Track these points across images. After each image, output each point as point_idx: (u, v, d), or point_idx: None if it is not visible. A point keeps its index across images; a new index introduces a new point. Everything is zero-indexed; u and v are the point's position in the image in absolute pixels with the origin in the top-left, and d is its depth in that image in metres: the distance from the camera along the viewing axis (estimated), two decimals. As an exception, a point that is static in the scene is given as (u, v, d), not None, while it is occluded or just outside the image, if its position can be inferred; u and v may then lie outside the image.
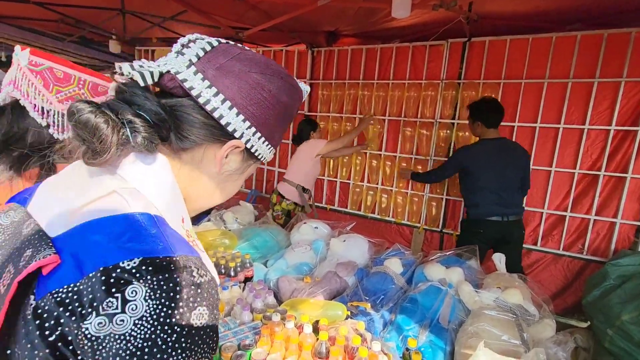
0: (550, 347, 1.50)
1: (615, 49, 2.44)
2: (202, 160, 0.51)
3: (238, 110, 0.50)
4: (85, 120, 0.41)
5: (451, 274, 1.94)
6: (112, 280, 0.36)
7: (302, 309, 1.56)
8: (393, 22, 2.88)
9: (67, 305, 0.35)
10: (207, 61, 0.49)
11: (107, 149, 0.42)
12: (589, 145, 2.60)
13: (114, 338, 0.34)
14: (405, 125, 3.17)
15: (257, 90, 0.51)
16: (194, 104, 0.49)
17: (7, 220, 0.47)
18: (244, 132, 0.51)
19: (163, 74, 0.47)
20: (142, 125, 0.45)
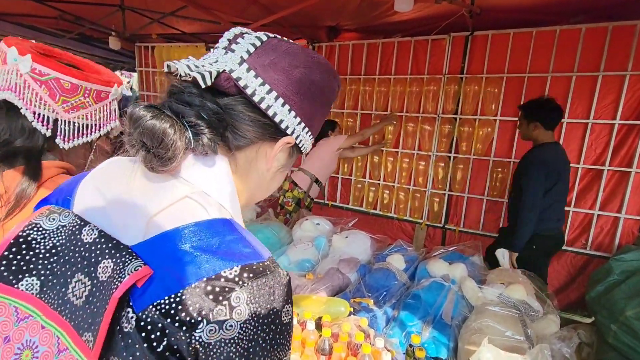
0: (555, 342, 1.49)
1: (620, 41, 2.41)
2: (256, 159, 0.51)
3: (290, 107, 0.50)
4: (151, 126, 0.41)
5: (454, 269, 1.93)
6: (218, 289, 0.37)
7: (304, 305, 1.56)
8: (395, 16, 2.85)
9: (173, 316, 0.36)
10: (258, 57, 0.48)
11: (175, 155, 0.42)
12: (593, 140, 2.58)
13: (224, 342, 0.36)
14: (407, 120, 3.15)
15: (304, 84, 0.50)
16: (247, 102, 0.48)
17: (52, 225, 0.44)
18: (295, 128, 0.51)
19: (220, 73, 0.47)
20: (206, 126, 0.45)
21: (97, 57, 6.09)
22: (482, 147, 2.89)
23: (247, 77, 0.47)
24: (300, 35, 3.52)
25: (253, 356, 0.37)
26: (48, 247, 0.43)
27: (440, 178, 3.09)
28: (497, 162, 2.87)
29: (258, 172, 0.53)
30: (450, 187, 3.07)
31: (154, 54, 4.51)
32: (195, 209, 0.42)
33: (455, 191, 3.06)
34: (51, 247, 0.42)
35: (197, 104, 0.45)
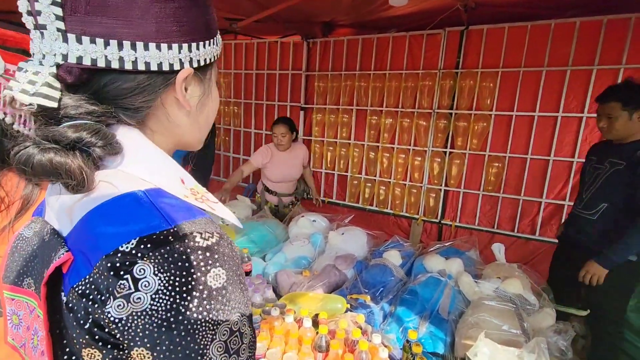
0: (551, 336, 1.50)
1: (615, 35, 2.41)
2: (169, 113, 0.46)
3: (154, 43, 0.41)
4: (38, 167, 0.37)
5: (451, 264, 1.93)
6: (118, 264, 0.36)
7: (301, 302, 1.55)
8: (390, 11, 2.83)
9: (88, 296, 0.37)
10: (74, 13, 0.37)
11: (82, 177, 0.38)
12: (588, 134, 2.59)
13: (136, 315, 0.35)
14: (403, 116, 3.14)
15: (148, 2, 0.40)
16: (110, 73, 0.41)
17: (30, 232, 0.47)
18: (178, 59, 0.43)
19: (56, 73, 0.39)
20: (92, 135, 0.39)
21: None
22: (477, 142, 2.89)
23: (85, 50, 0.38)
24: (295, 31, 3.49)
25: (177, 325, 0.36)
26: (29, 251, 0.46)
27: (436, 173, 3.10)
28: (493, 157, 2.88)
29: (184, 117, 0.48)
30: (446, 182, 3.08)
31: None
32: (107, 188, 0.40)
33: (451, 186, 3.06)
34: (31, 251, 0.46)
35: (68, 116, 0.39)
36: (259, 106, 3.94)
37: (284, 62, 3.71)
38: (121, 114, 0.43)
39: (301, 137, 3.70)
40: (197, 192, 0.46)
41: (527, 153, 2.76)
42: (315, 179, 3.78)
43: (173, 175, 0.45)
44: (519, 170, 2.83)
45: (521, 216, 2.86)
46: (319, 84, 3.51)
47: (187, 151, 3.65)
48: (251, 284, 1.63)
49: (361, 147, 3.41)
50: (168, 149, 0.49)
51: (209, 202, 0.45)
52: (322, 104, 3.52)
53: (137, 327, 0.35)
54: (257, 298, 1.54)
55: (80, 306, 0.37)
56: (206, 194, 0.47)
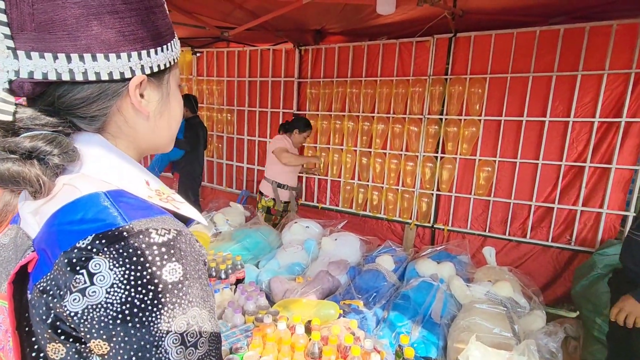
0: (541, 338, 1.52)
1: (598, 41, 2.48)
2: (127, 119, 0.47)
3: (102, 54, 0.41)
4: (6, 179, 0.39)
5: (442, 268, 1.95)
6: (74, 260, 0.38)
7: (294, 309, 1.56)
8: (379, 19, 2.88)
9: (48, 292, 0.39)
10: (21, 31, 0.39)
11: (39, 185, 0.40)
12: (574, 138, 2.64)
13: (92, 308, 0.37)
14: (394, 122, 3.18)
15: (92, 15, 0.40)
16: (63, 85, 0.42)
17: (6, 240, 0.49)
18: (128, 67, 0.43)
19: (10, 87, 0.40)
20: (47, 144, 0.40)
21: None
22: (467, 146, 2.93)
23: (35, 65, 0.39)
24: (287, 38, 3.53)
25: (132, 317, 0.37)
26: (5, 257, 0.48)
27: (428, 178, 3.13)
28: (483, 161, 2.92)
29: (144, 122, 0.48)
30: (438, 187, 3.11)
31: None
32: (70, 192, 0.42)
33: (442, 191, 3.10)
34: (7, 257, 0.48)
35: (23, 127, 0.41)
36: (252, 113, 3.96)
37: (276, 69, 3.74)
38: (79, 122, 0.44)
39: (294, 143, 3.73)
40: (163, 193, 0.47)
41: (516, 157, 2.81)
42: (308, 185, 3.79)
43: (136, 178, 0.46)
44: (509, 174, 2.87)
45: (512, 219, 2.90)
46: (311, 91, 3.54)
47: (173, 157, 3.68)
48: (244, 291, 1.63)
49: (354, 153, 3.43)
50: (134, 153, 0.50)
51: (174, 202, 0.47)
52: (315, 111, 3.55)
53: (93, 319, 0.37)
54: (250, 306, 1.54)
55: (41, 302, 0.39)
56: (172, 195, 0.48)
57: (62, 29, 0.39)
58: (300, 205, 3.78)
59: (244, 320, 1.48)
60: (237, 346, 1.28)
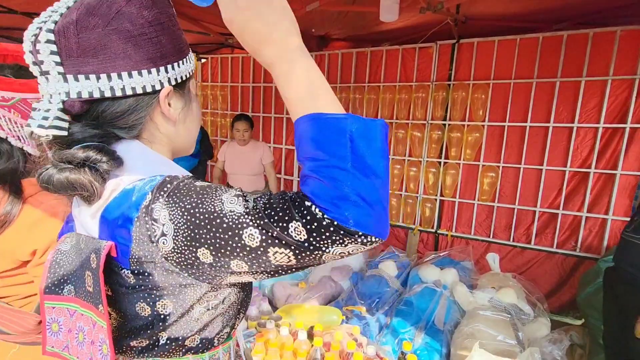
0: (546, 345, 1.51)
1: (601, 47, 2.47)
2: (158, 126, 0.55)
3: (136, 71, 0.49)
4: (58, 184, 0.47)
5: (446, 275, 1.95)
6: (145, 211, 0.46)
7: (297, 314, 1.56)
8: (382, 25, 2.90)
9: (144, 251, 0.46)
10: (68, 59, 0.46)
11: (93, 189, 0.48)
12: (579, 143, 2.63)
13: (176, 232, 0.45)
14: (397, 127, 3.19)
15: (122, 42, 0.48)
16: (105, 101, 0.49)
17: (67, 247, 0.55)
18: (158, 80, 0.51)
19: (63, 107, 0.47)
20: (97, 153, 0.48)
21: (87, 69, 6.08)
22: (471, 152, 2.93)
23: (82, 86, 0.47)
24: (290, 45, 3.56)
25: (198, 218, 0.44)
26: (69, 261, 0.54)
27: (431, 183, 3.12)
28: (487, 167, 2.91)
29: (172, 128, 0.57)
30: (442, 193, 3.10)
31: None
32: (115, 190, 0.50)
33: (446, 196, 3.09)
34: (70, 261, 0.54)
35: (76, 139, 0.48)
36: (256, 119, 3.98)
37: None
38: (119, 132, 0.52)
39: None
40: None
41: (520, 163, 2.80)
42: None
43: (177, 170, 0.55)
44: (513, 179, 2.86)
45: (516, 225, 2.88)
46: (315, 97, 3.55)
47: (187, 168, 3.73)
48: (247, 296, 1.63)
49: (357, 158, 3.43)
50: (167, 156, 0.58)
51: None
52: (318, 116, 3.56)
53: (181, 237, 0.44)
54: (252, 311, 1.54)
55: (143, 266, 0.47)
56: None
57: (103, 53, 0.47)
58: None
59: (246, 326, 1.48)
60: (239, 351, 1.28)
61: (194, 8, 2.73)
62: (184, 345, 0.52)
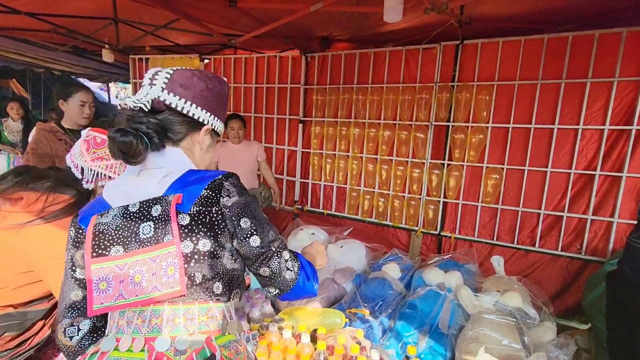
0: (552, 350, 1.49)
1: (607, 49, 2.45)
2: (193, 144, 0.88)
3: (201, 107, 0.85)
4: (122, 141, 0.76)
5: (450, 277, 1.93)
6: (217, 184, 0.81)
7: (299, 317, 1.54)
8: (386, 26, 2.89)
9: (204, 204, 0.79)
10: (172, 83, 0.82)
11: (140, 153, 0.78)
12: (584, 145, 2.61)
13: (235, 203, 0.81)
14: (401, 129, 3.17)
15: (206, 91, 0.85)
16: (174, 111, 0.83)
17: (107, 219, 0.78)
18: (208, 119, 0.87)
19: (152, 100, 0.81)
20: (154, 134, 0.80)
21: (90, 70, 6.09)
22: (475, 153, 2.91)
23: (168, 97, 0.82)
24: (293, 46, 3.55)
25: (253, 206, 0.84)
26: (113, 227, 0.78)
27: (435, 185, 3.10)
28: (490, 168, 2.89)
29: (198, 151, 0.89)
30: (445, 194, 3.08)
31: (149, 66, 4.52)
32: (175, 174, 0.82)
33: (449, 198, 3.07)
34: (115, 227, 0.77)
35: (144, 122, 0.80)
36: (258, 119, 3.98)
37: (283, 76, 3.76)
38: (170, 134, 0.84)
39: (300, 149, 3.73)
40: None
41: (524, 165, 2.78)
42: (314, 191, 3.78)
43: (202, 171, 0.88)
44: (517, 181, 2.84)
45: (520, 228, 2.86)
46: (317, 97, 3.55)
47: None
48: (249, 298, 1.62)
49: (360, 160, 3.42)
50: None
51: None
52: (321, 117, 3.56)
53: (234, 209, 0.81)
54: (255, 313, 1.53)
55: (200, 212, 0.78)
56: None
57: (190, 89, 0.83)
58: (306, 212, 3.77)
59: (249, 328, 1.47)
60: (241, 354, 1.26)
61: (197, 8, 2.74)
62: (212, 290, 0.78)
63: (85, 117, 2.03)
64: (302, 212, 3.79)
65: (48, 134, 1.98)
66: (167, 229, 0.74)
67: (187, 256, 0.75)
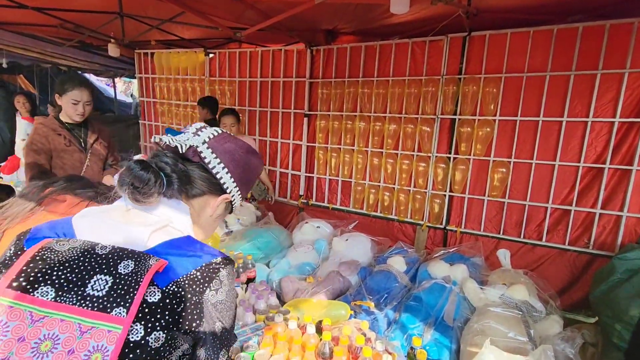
0: (558, 343, 1.48)
1: (618, 40, 2.40)
2: (204, 207, 0.77)
3: (231, 175, 0.77)
4: (140, 174, 0.66)
5: (455, 271, 1.92)
6: (212, 270, 0.63)
7: (305, 309, 1.55)
8: (392, 18, 2.85)
9: (186, 288, 0.60)
10: (215, 141, 0.77)
11: (153, 194, 0.67)
12: (593, 138, 2.57)
13: (219, 302, 0.63)
14: (406, 122, 3.15)
15: (243, 162, 0.79)
16: (204, 167, 0.75)
17: (63, 247, 0.60)
18: (232, 190, 0.79)
19: (190, 147, 0.73)
20: (176, 179, 0.71)
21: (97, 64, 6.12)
22: (481, 147, 2.88)
23: (206, 152, 0.75)
24: (298, 39, 3.53)
25: (232, 308, 0.66)
26: (61, 261, 0.58)
27: (440, 179, 3.08)
28: (497, 162, 2.86)
29: (205, 215, 0.78)
30: (451, 188, 3.06)
31: (154, 61, 4.54)
32: (174, 231, 0.69)
33: (455, 192, 3.05)
34: (64, 261, 0.58)
35: (171, 164, 0.71)
36: (263, 113, 3.98)
37: (288, 69, 3.75)
38: (188, 187, 0.74)
39: (305, 143, 3.72)
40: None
41: (532, 158, 2.74)
42: (319, 185, 3.79)
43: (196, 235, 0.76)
44: (524, 175, 2.81)
45: (527, 222, 2.83)
46: (323, 91, 3.53)
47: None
48: (255, 290, 1.63)
49: (365, 153, 3.41)
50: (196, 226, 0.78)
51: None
52: (326, 111, 3.54)
53: (223, 308, 0.64)
54: (260, 305, 1.54)
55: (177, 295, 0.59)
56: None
57: (231, 154, 0.78)
58: (311, 206, 3.77)
59: (254, 319, 1.48)
60: (248, 344, 1.28)
61: (203, 3, 2.74)
62: None
63: (78, 115, 2.02)
64: (308, 207, 3.79)
65: (45, 128, 2.00)
66: (124, 298, 0.55)
67: (128, 346, 0.53)
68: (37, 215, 0.96)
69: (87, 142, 2.12)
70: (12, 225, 0.94)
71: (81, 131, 2.11)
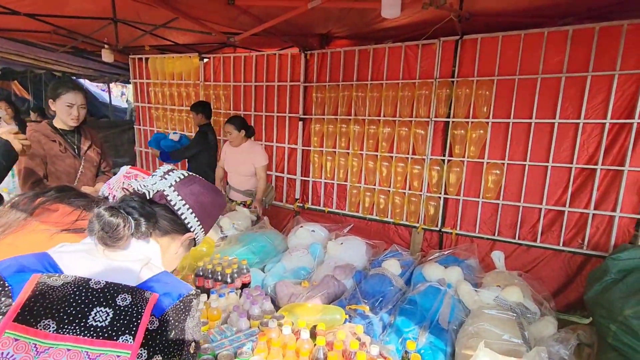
0: (552, 345, 1.48)
1: (608, 42, 2.43)
2: (170, 244, 0.86)
3: (195, 215, 0.87)
4: (109, 221, 0.72)
5: (450, 273, 1.92)
6: (189, 300, 0.73)
7: (300, 313, 1.54)
8: (385, 22, 2.88)
9: (174, 316, 0.69)
10: (182, 184, 0.86)
11: (123, 238, 0.73)
12: (585, 140, 2.59)
13: (195, 325, 0.73)
14: (401, 125, 3.16)
15: (207, 202, 0.90)
16: (169, 209, 0.84)
17: (58, 282, 0.64)
18: (196, 228, 0.89)
19: (156, 191, 0.83)
20: (144, 222, 0.78)
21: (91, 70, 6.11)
22: (475, 149, 2.90)
23: (172, 195, 0.84)
24: (293, 43, 3.55)
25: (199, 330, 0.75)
26: (60, 295, 0.62)
27: (435, 181, 3.10)
28: (491, 164, 2.88)
29: (171, 252, 0.87)
30: (446, 190, 3.08)
31: (148, 66, 4.53)
32: (154, 267, 0.77)
33: (450, 194, 3.06)
34: (62, 295, 0.62)
35: (139, 208, 0.78)
36: (258, 117, 3.98)
37: (282, 73, 3.76)
38: (156, 226, 0.82)
39: (300, 147, 3.73)
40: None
41: (525, 160, 2.77)
42: (314, 189, 3.78)
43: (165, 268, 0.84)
44: (518, 177, 2.83)
45: (522, 223, 2.85)
46: (317, 95, 3.54)
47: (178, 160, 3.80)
48: (249, 295, 1.62)
49: (360, 157, 3.42)
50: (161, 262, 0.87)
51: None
52: (321, 115, 3.55)
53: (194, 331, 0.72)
54: (255, 310, 1.53)
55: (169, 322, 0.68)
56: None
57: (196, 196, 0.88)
58: (307, 210, 3.77)
59: (249, 325, 1.47)
60: (241, 350, 1.27)
61: (196, 7, 2.74)
62: None
63: (73, 119, 2.00)
64: (303, 210, 3.79)
65: (38, 134, 1.97)
66: (129, 327, 0.62)
67: None
68: (30, 225, 0.97)
69: (80, 148, 2.10)
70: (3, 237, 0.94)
71: (74, 137, 2.10)
